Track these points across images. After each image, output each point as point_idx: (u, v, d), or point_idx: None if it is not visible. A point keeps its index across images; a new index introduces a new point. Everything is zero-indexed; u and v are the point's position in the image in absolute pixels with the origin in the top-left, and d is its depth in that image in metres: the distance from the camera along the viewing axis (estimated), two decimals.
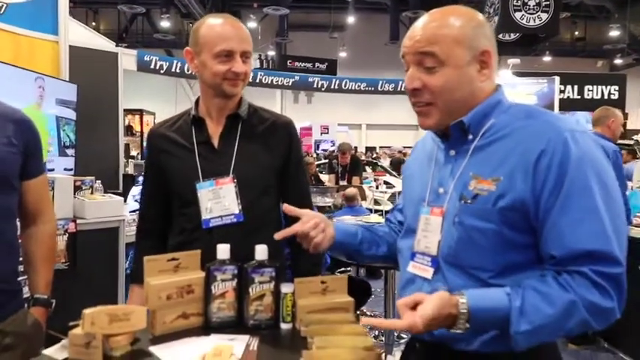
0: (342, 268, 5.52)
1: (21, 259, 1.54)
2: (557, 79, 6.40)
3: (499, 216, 1.01)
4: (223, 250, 1.26)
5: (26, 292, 1.55)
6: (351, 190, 5.39)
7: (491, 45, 1.09)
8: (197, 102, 1.63)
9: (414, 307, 0.96)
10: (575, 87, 9.03)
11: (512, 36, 8.21)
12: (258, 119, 1.63)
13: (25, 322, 1.44)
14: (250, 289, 1.24)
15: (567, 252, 0.96)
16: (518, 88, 6.45)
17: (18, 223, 1.53)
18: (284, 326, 1.24)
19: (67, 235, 2.86)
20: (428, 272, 1.10)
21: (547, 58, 20.60)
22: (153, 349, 1.11)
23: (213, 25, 1.52)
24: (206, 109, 1.60)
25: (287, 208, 1.30)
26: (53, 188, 2.72)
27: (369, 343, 1.05)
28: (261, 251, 1.25)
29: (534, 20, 6.94)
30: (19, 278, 1.49)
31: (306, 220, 1.25)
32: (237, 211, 1.52)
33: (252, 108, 1.64)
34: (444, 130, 1.14)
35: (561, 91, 8.82)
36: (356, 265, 4.69)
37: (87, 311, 1.05)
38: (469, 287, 1.02)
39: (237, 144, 1.57)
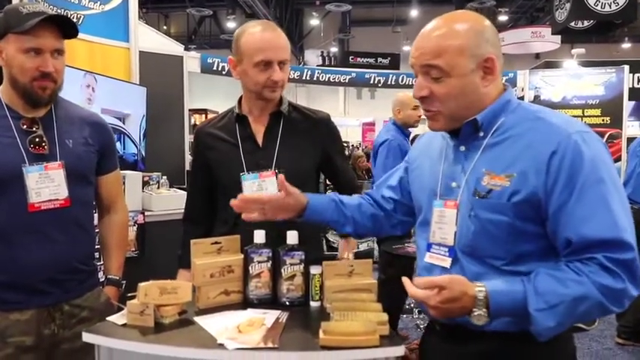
0: None
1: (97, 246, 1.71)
2: (626, 67, 6.00)
3: (513, 210, 1.09)
4: (259, 235, 1.41)
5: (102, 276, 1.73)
6: None
7: (495, 50, 1.14)
8: (239, 101, 1.75)
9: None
10: None
11: (586, 23, 7.80)
12: (298, 116, 1.74)
13: (99, 299, 1.61)
14: (282, 270, 1.37)
15: (583, 240, 1.03)
16: (584, 79, 6.11)
17: (95, 215, 1.70)
18: (313, 304, 1.37)
19: (137, 226, 3.11)
20: (446, 262, 1.18)
21: (626, 45, 19.30)
22: (196, 318, 1.28)
23: (253, 34, 1.61)
24: (248, 109, 1.72)
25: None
26: (124, 183, 2.97)
27: (383, 318, 1.16)
28: (292, 236, 1.39)
29: (609, 6, 6.49)
30: (95, 261, 1.66)
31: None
32: None
33: (292, 105, 1.75)
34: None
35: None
36: None
37: (142, 284, 1.23)
38: (485, 274, 1.10)
39: (279, 139, 1.68)
